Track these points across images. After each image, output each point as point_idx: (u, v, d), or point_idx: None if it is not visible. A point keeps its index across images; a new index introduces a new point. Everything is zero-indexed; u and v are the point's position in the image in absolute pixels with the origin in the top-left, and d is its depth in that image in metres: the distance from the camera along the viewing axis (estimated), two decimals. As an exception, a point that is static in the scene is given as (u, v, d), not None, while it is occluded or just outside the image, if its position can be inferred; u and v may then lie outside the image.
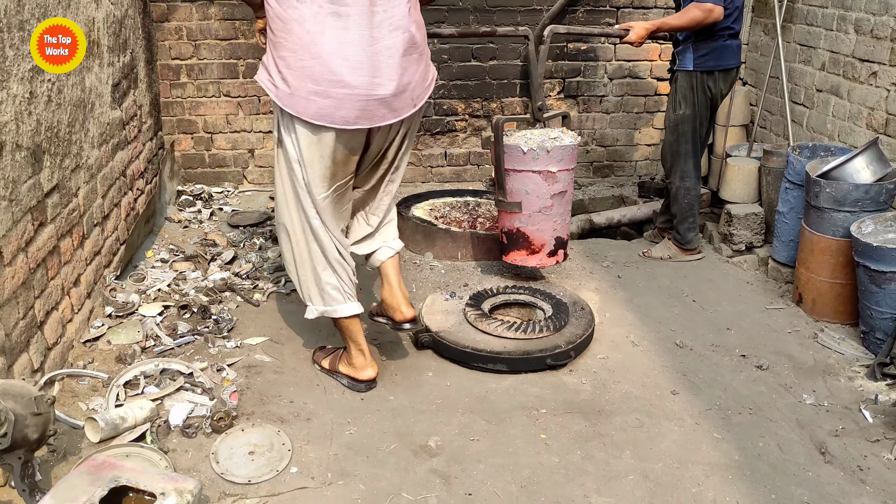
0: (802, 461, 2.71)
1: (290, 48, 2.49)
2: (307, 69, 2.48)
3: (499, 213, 3.74)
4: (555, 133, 3.62)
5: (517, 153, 3.49)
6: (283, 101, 2.54)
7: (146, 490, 2.05)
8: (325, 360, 3.07)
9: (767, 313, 3.79)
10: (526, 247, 3.69)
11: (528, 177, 3.52)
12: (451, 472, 2.58)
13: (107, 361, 2.93)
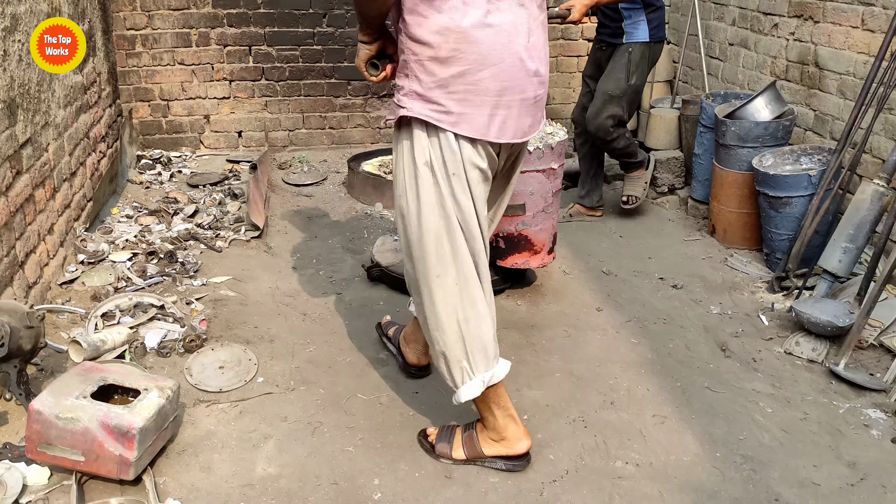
0: (706, 357, 3.13)
1: (464, 61, 2.02)
2: (485, 80, 2.05)
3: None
4: (547, 127, 3.42)
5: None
6: (457, 126, 2.07)
7: (131, 387, 2.36)
8: (456, 449, 2.45)
9: (685, 244, 4.22)
10: (528, 249, 3.44)
11: (532, 177, 3.27)
12: (401, 377, 2.94)
13: (83, 300, 3.20)
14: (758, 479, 2.45)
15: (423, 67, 2.04)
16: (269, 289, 3.53)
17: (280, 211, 4.47)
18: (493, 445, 2.41)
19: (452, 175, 2.11)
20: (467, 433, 2.46)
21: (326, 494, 2.33)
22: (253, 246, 3.91)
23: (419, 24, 2.01)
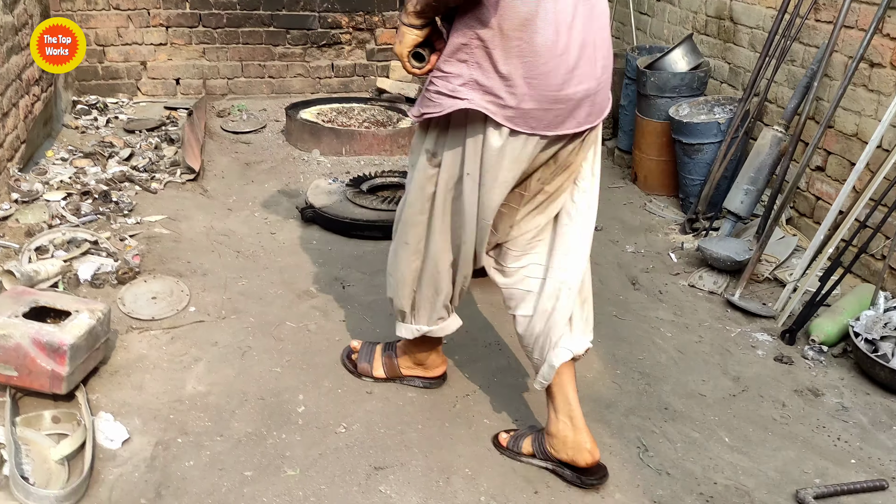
0: (617, 290, 3.37)
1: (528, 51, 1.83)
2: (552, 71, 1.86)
3: None
4: None
5: None
6: (515, 121, 1.89)
7: (63, 309, 2.47)
8: (376, 368, 2.63)
9: (609, 191, 4.44)
10: None
11: None
12: (329, 308, 3.10)
13: (17, 236, 3.27)
14: (651, 391, 2.69)
15: (487, 54, 1.83)
16: (203, 228, 3.63)
17: (217, 157, 4.55)
18: (412, 368, 2.61)
19: (466, 175, 2.00)
20: (386, 354, 2.63)
21: (253, 408, 2.49)
22: (188, 188, 4.00)
23: (496, 6, 1.80)
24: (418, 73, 1.96)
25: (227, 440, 2.35)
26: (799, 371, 2.86)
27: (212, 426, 2.40)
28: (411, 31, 1.89)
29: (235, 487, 2.17)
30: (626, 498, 2.21)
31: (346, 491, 2.17)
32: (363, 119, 4.98)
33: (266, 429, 2.41)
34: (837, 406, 2.68)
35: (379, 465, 2.27)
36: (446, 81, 1.90)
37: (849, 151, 3.42)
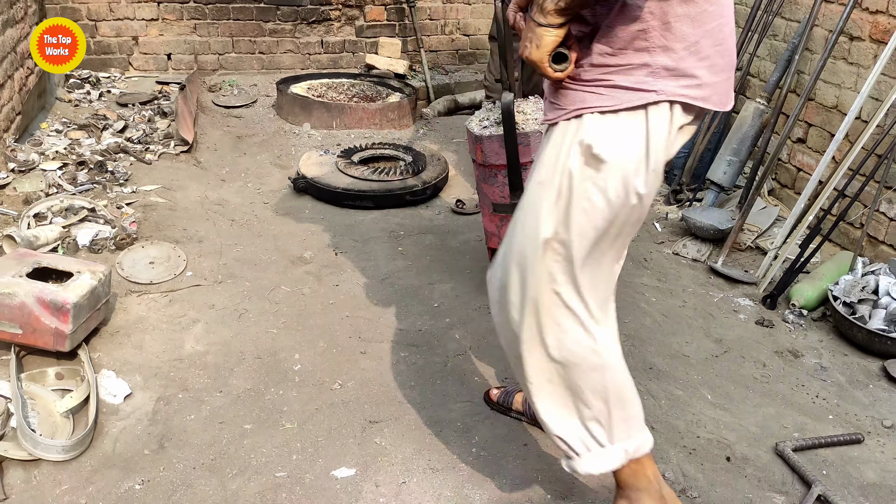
0: (603, 257, 3.45)
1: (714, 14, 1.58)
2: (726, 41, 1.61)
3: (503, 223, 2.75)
4: (537, 104, 2.87)
5: (537, 139, 2.67)
6: (711, 99, 1.61)
7: (65, 270, 2.53)
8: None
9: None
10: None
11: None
12: (322, 273, 3.17)
13: (15, 204, 3.31)
14: (636, 352, 2.79)
15: (671, 31, 1.53)
16: (198, 197, 3.68)
17: (210, 130, 4.59)
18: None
19: (652, 171, 1.60)
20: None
21: (251, 367, 2.57)
22: (182, 160, 4.04)
23: None
24: (561, 76, 1.59)
25: (227, 396, 2.43)
26: (779, 334, 2.97)
27: (211, 383, 2.48)
28: (549, 32, 1.55)
29: (235, 439, 2.25)
30: (612, 449, 2.30)
31: (343, 443, 2.26)
32: (352, 94, 5.03)
33: (264, 385, 2.49)
34: (816, 366, 2.79)
35: (373, 419, 2.36)
36: (626, 75, 1.57)
37: (829, 123, 3.52)
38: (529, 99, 2.91)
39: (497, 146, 2.67)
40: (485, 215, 2.93)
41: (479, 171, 2.83)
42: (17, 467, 2.08)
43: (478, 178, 2.88)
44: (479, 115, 2.90)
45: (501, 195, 2.76)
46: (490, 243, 2.94)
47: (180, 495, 2.05)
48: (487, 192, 2.82)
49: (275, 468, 2.16)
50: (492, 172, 2.75)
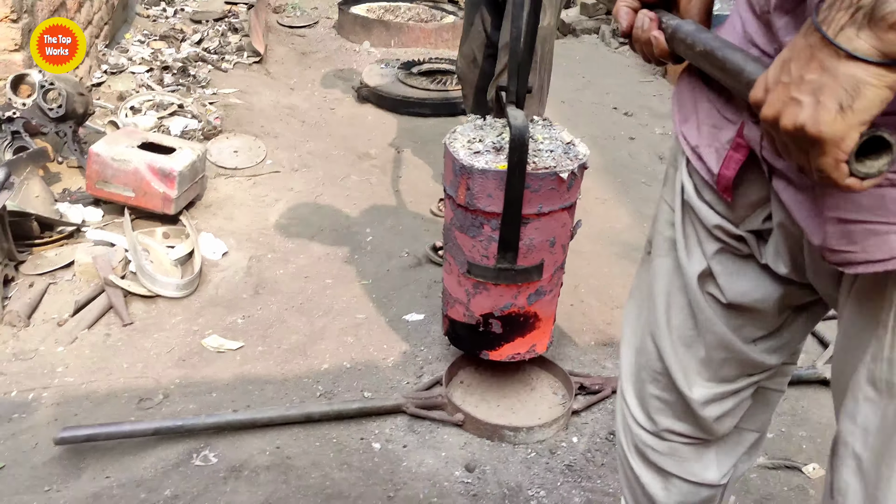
0: (645, 162, 3.71)
1: None
2: None
3: (478, 291, 1.97)
4: (550, 129, 2.02)
5: (550, 183, 1.80)
6: None
7: (168, 146, 2.87)
8: None
9: (640, 84, 4.74)
10: (534, 329, 2.05)
11: (557, 218, 1.89)
12: (387, 167, 3.48)
13: (111, 99, 3.66)
14: (673, 239, 3.06)
15: None
16: (270, 101, 4.00)
17: (276, 47, 4.88)
18: None
19: None
20: None
21: (328, 237, 2.91)
22: (254, 70, 4.35)
23: None
24: (870, 184, 0.71)
25: (309, 257, 2.77)
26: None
27: (295, 247, 2.83)
28: (882, 77, 0.67)
29: (319, 290, 2.60)
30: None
31: (412, 296, 2.59)
32: (408, 17, 5.28)
33: (340, 251, 2.82)
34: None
35: (437, 280, 2.68)
36: None
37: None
38: (537, 119, 2.05)
39: (494, 186, 1.78)
40: (451, 274, 2.02)
41: (455, 213, 1.92)
42: (138, 301, 2.46)
43: (450, 223, 1.97)
44: (465, 130, 2.00)
45: (483, 253, 1.90)
46: (450, 311, 2.08)
47: (276, 328, 2.41)
48: (463, 246, 1.93)
49: (355, 312, 2.50)
50: (476, 221, 1.86)
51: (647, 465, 1.23)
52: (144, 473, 1.85)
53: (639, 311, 1.19)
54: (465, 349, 2.14)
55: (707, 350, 1.07)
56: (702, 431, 1.16)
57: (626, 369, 1.23)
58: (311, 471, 1.88)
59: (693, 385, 1.11)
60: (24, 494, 1.78)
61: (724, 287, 1.01)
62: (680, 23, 0.93)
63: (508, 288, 1.94)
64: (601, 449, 2.01)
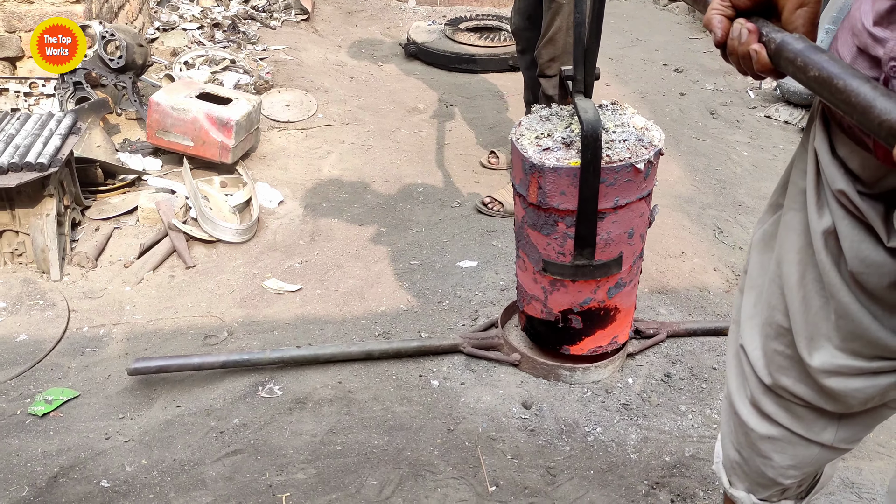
0: (696, 118, 3.66)
1: None
2: None
3: (556, 287, 1.92)
4: (620, 114, 1.93)
5: (626, 175, 1.75)
6: None
7: (224, 97, 2.91)
8: None
9: (689, 42, 4.65)
10: (614, 321, 2.01)
11: (634, 209, 1.84)
12: (436, 120, 3.49)
13: (164, 55, 3.72)
14: (727, 192, 3.04)
15: None
16: (319, 58, 4.03)
17: (322, 6, 4.89)
18: None
19: None
20: None
21: (381, 187, 2.94)
22: (302, 27, 4.38)
23: None
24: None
25: (363, 206, 2.81)
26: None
27: (349, 197, 2.86)
28: None
29: (374, 237, 2.64)
30: (703, 262, 2.59)
31: (465, 244, 2.62)
32: (454, -24, 5.24)
33: (393, 201, 2.86)
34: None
35: (489, 229, 2.70)
36: None
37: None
38: (606, 105, 1.97)
39: (567, 183, 1.74)
40: (526, 271, 1.98)
41: (527, 211, 1.88)
42: (199, 245, 2.52)
43: (521, 220, 1.93)
44: (531, 123, 1.91)
45: (559, 251, 1.86)
46: (526, 307, 2.04)
47: (333, 273, 2.46)
48: (537, 244, 1.89)
49: (409, 258, 2.54)
50: (550, 219, 1.82)
51: (759, 416, 1.14)
52: (213, 403, 1.91)
53: (764, 263, 1.10)
54: (543, 345, 2.09)
55: (836, 317, 0.97)
56: (825, 401, 1.05)
57: (747, 317, 1.13)
58: (372, 404, 1.93)
59: (816, 350, 1.01)
60: (100, 421, 1.86)
61: (847, 252, 0.92)
62: (786, 38, 0.79)
63: (587, 283, 1.88)
64: (657, 390, 2.02)
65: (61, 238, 2.36)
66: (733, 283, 2.49)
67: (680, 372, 2.09)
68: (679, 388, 2.04)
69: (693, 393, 2.02)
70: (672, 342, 2.20)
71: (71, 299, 2.26)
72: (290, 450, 1.78)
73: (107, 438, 1.79)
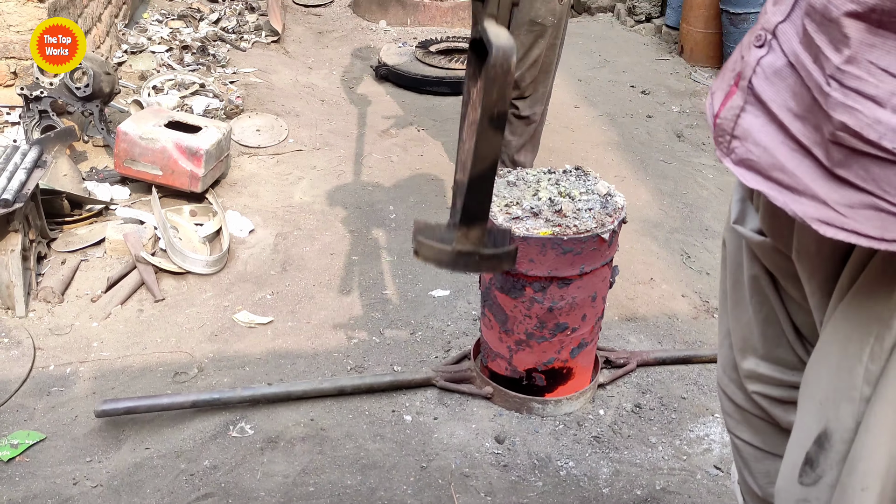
0: (663, 140, 3.72)
1: None
2: None
3: (521, 347, 2.01)
4: (585, 180, 2.06)
5: (593, 245, 1.86)
6: None
7: (194, 125, 2.90)
8: None
9: (656, 63, 4.73)
10: (574, 379, 2.08)
11: (598, 274, 1.94)
12: (407, 145, 3.51)
13: (132, 79, 3.69)
14: (693, 216, 3.09)
15: None
16: (290, 80, 4.02)
17: (293, 26, 4.89)
18: None
19: None
20: None
21: (352, 214, 2.94)
22: (273, 49, 4.37)
23: None
24: None
25: (335, 234, 2.81)
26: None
27: (320, 224, 2.86)
28: None
29: (346, 266, 2.64)
30: (672, 288, 2.63)
31: (437, 272, 2.62)
32: (424, -4, 5.27)
33: (365, 228, 2.86)
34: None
35: (462, 257, 2.71)
36: None
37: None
38: (570, 170, 2.08)
39: (536, 251, 1.83)
40: (492, 330, 2.03)
41: (495, 274, 1.94)
42: (168, 278, 2.50)
43: (489, 282, 1.99)
44: (498, 189, 1.99)
45: (525, 313, 1.93)
46: (491, 364, 2.08)
47: (304, 304, 2.45)
48: (504, 306, 1.96)
49: (381, 288, 2.54)
50: (518, 283, 1.90)
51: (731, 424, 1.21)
52: (183, 445, 1.89)
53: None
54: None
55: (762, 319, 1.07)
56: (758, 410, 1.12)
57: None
58: (345, 442, 1.92)
59: (748, 355, 1.09)
60: (68, 465, 1.83)
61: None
62: None
63: (551, 343, 1.98)
64: (627, 421, 2.05)
65: (26, 273, 2.32)
66: (701, 309, 2.53)
67: (650, 402, 2.11)
68: (649, 418, 2.06)
69: (663, 423, 2.05)
70: (642, 371, 2.23)
71: (37, 336, 2.22)
72: (262, 492, 1.77)
73: (74, 484, 1.77)
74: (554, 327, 1.94)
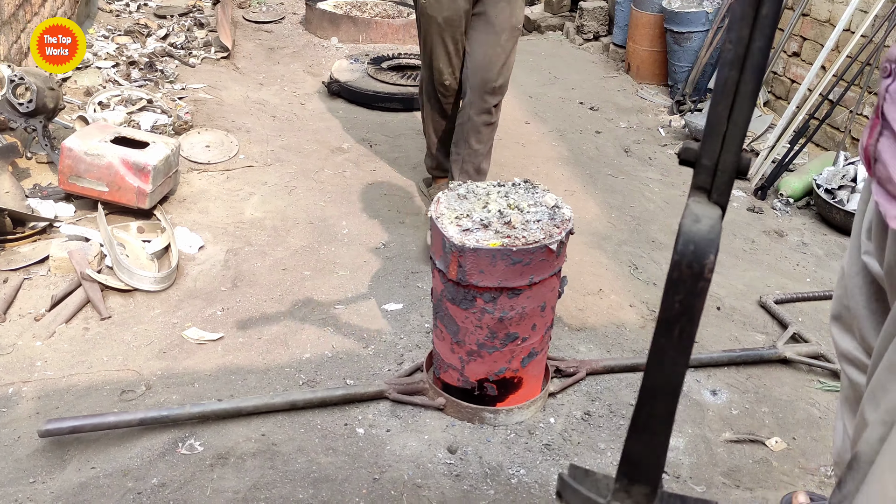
0: (612, 155, 3.81)
1: None
2: None
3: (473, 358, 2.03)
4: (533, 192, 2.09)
5: (541, 255, 1.88)
6: None
7: (141, 140, 2.86)
8: None
9: (604, 80, 4.84)
10: (525, 388, 2.11)
11: (547, 284, 1.97)
12: (360, 160, 3.52)
13: (77, 95, 3.63)
14: (641, 229, 3.16)
15: None
16: (240, 97, 4.01)
17: (243, 42, 4.87)
18: None
19: None
20: None
21: (304, 230, 2.94)
22: (222, 65, 4.35)
23: None
24: None
25: (286, 250, 2.80)
26: (767, 218, 3.34)
27: (271, 240, 2.85)
28: None
29: (298, 282, 2.63)
30: (620, 298, 2.69)
31: (390, 286, 2.63)
32: (375, 13, 5.30)
33: (317, 243, 2.85)
34: (798, 243, 3.16)
35: (414, 271, 2.73)
36: None
37: (821, 36, 3.83)
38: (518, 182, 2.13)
39: (486, 263, 1.85)
40: (443, 341, 2.05)
41: (445, 286, 1.96)
42: (115, 295, 2.46)
43: (440, 294, 2.01)
44: (449, 202, 2.02)
45: (476, 324, 1.95)
46: (443, 375, 2.11)
47: (256, 320, 2.43)
48: (455, 317, 1.98)
49: (334, 303, 2.54)
50: (469, 294, 1.92)
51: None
52: (130, 463, 1.86)
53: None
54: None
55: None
56: None
57: None
58: (297, 456, 1.91)
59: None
60: (9, 487, 1.78)
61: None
62: None
63: (503, 354, 2.00)
64: (577, 429, 2.08)
65: (-34, 292, 2.26)
66: (649, 318, 2.58)
67: (599, 409, 2.15)
68: (598, 425, 2.10)
69: (612, 430, 2.08)
70: (591, 380, 2.27)
71: (-23, 356, 2.16)
72: (212, 509, 1.74)
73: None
74: (504, 337, 1.97)
